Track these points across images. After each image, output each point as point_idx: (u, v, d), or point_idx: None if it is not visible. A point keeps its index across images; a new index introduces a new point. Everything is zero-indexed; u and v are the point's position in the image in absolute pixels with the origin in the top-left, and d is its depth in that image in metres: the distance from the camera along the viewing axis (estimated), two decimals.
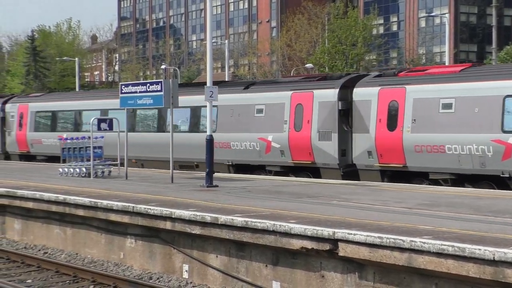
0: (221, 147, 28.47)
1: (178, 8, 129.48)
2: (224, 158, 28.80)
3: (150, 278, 15.81)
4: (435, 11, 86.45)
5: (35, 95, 42.51)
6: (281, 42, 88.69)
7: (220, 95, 27.36)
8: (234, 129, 28.79)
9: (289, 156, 26.82)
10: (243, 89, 29.40)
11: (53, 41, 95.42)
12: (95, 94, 40.78)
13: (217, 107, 28.19)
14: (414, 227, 12.55)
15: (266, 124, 27.69)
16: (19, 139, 40.59)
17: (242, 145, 28.43)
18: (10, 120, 40.66)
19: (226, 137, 28.95)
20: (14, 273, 16.36)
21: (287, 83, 28.43)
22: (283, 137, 26.96)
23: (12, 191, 20.52)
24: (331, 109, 25.60)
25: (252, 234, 13.81)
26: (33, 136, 39.80)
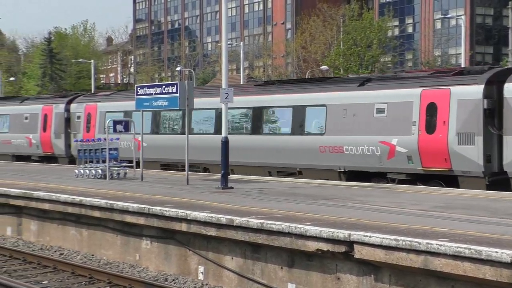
0: (331, 151, 25.90)
1: (193, 10, 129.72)
2: (335, 164, 25.88)
3: (166, 279, 15.83)
4: (451, 12, 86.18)
5: (104, 94, 39.92)
6: (296, 44, 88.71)
7: (329, 93, 26.07)
8: (348, 131, 25.63)
9: (418, 162, 23.64)
10: (358, 86, 26.08)
11: (69, 43, 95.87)
12: None
13: (325, 106, 26.26)
14: (430, 230, 12.51)
15: (388, 125, 24.56)
16: None
17: (358, 149, 25.21)
18: (76, 121, 37.55)
19: (338, 140, 25.86)
20: (30, 274, 16.42)
21: (414, 79, 25.22)
22: (411, 141, 23.83)
23: (29, 193, 20.60)
24: (474, 108, 22.59)
25: (267, 236, 13.80)
26: None
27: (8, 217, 22.18)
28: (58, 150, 38.82)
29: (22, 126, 41.27)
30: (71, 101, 39.05)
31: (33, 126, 40.25)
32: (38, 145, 39.76)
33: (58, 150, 38.81)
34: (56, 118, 38.84)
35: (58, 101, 40.14)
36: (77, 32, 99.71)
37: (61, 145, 38.44)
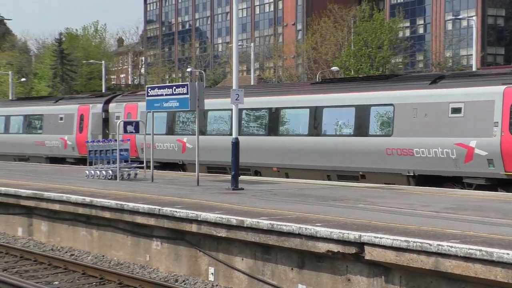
0: (399, 154, 24.33)
1: (204, 11, 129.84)
2: (404, 168, 24.34)
3: (176, 280, 15.83)
4: (462, 13, 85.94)
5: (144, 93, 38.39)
6: (306, 45, 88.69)
7: (397, 92, 24.84)
8: (419, 132, 23.99)
9: (500, 166, 22.00)
10: (430, 84, 24.46)
11: (80, 44, 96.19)
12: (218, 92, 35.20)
13: (393, 105, 24.85)
14: (441, 231, 12.46)
15: (466, 126, 22.89)
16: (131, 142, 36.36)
17: (430, 152, 23.52)
18: (115, 121, 35.08)
19: (407, 142, 24.24)
20: (41, 275, 16.45)
21: (495, 76, 23.80)
22: (493, 143, 22.16)
23: (39, 193, 20.64)
24: None
25: (277, 237, 13.79)
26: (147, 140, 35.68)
27: (19, 217, 22.24)
28: None
29: (56, 127, 39.80)
30: (109, 100, 37.57)
31: (68, 127, 38.86)
32: (74, 147, 38.28)
33: None
34: (94, 118, 37.42)
35: (95, 100, 38.71)
36: (88, 33, 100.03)
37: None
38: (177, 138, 31.20)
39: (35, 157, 41.27)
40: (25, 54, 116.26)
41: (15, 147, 42.70)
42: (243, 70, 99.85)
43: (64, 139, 38.82)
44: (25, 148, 42.05)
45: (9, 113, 44.32)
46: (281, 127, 28.66)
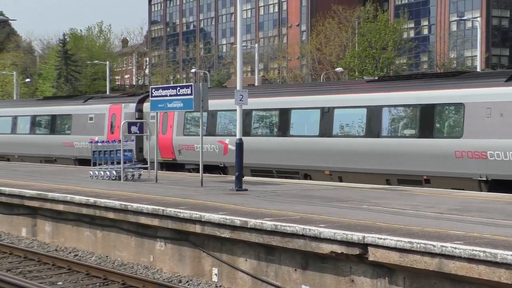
0: (470, 157, 22.57)
1: (208, 12, 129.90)
2: (474, 172, 22.58)
3: (180, 281, 15.83)
4: (467, 15, 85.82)
5: None
6: (311, 46, 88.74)
7: (467, 90, 23.31)
8: (494, 133, 22.21)
9: None
10: (506, 81, 22.62)
11: (84, 45, 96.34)
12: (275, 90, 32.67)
13: (463, 105, 23.12)
14: (445, 232, 12.45)
15: None
16: (163, 144, 33.13)
17: (506, 155, 21.76)
18: (151, 122, 33.04)
19: (480, 144, 22.54)
20: (45, 275, 16.46)
21: None
22: None
23: (44, 194, 20.66)
24: None
25: (281, 238, 13.78)
26: (182, 141, 32.78)
27: (23, 218, 22.26)
28: None
29: (86, 127, 37.88)
30: (143, 99, 35.48)
31: (99, 127, 36.92)
32: None
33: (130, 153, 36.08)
34: (126, 118, 34.45)
35: (127, 100, 36.87)
36: (92, 33, 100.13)
37: (132, 147, 34.86)
38: (218, 139, 29.96)
39: (62, 158, 39.54)
40: (30, 54, 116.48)
41: (42, 148, 40.96)
42: (247, 71, 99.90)
43: (95, 140, 37.06)
44: (53, 149, 40.26)
45: (35, 113, 42.64)
46: (334, 127, 26.89)
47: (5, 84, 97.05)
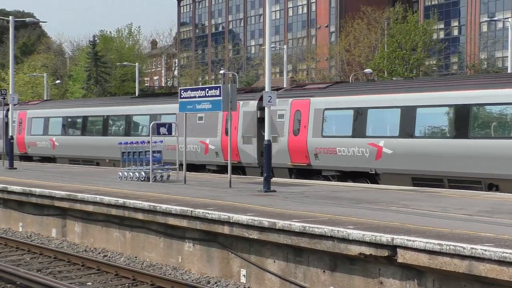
0: None
1: (237, 13, 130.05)
2: None
3: (208, 282, 15.86)
4: (498, 15, 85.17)
5: (318, 87, 30.42)
6: (339, 47, 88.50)
7: None
8: None
9: None
10: None
11: (114, 46, 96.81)
12: None
13: None
14: (475, 234, 12.36)
15: None
16: (294, 146, 28.87)
17: None
18: (278, 121, 29.46)
19: None
20: (74, 276, 16.56)
21: None
22: None
23: (73, 195, 20.79)
24: None
25: (309, 239, 13.76)
26: (320, 144, 28.15)
27: (53, 218, 22.41)
28: (246, 158, 30.75)
29: (195, 128, 32.62)
30: None
31: (211, 128, 32.39)
32: (218, 152, 31.98)
33: (247, 158, 30.73)
34: (246, 118, 30.94)
35: (246, 97, 31.88)
36: (121, 35, 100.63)
37: (252, 151, 30.54)
38: (369, 141, 26.31)
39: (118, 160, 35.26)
40: (60, 56, 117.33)
41: None
42: (275, 72, 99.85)
43: (205, 143, 32.74)
44: (106, 151, 37.46)
45: (130, 112, 38.33)
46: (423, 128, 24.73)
47: (35, 85, 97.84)
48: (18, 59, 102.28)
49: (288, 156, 28.87)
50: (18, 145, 44.73)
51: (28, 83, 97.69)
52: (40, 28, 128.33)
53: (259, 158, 29.88)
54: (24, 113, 45.86)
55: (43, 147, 43.98)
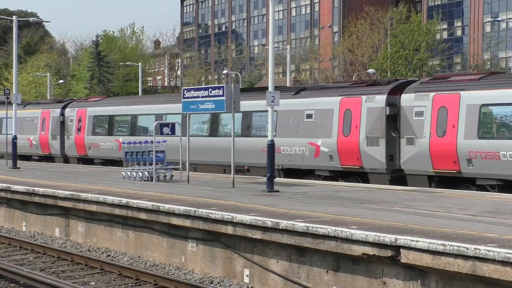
0: None
1: (240, 13, 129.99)
2: None
3: (211, 282, 15.87)
4: (501, 15, 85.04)
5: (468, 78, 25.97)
6: (343, 47, 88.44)
7: None
8: None
9: None
10: None
11: (117, 46, 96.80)
12: None
13: None
14: (479, 235, 12.35)
15: None
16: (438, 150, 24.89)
17: None
18: (413, 120, 25.66)
19: None
20: (78, 275, 16.58)
21: None
22: None
23: (77, 194, 20.81)
24: None
25: (313, 239, 13.76)
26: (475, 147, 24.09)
27: (56, 218, 22.44)
28: (370, 163, 26.65)
29: (300, 127, 28.96)
30: (396, 90, 26.68)
31: (322, 127, 28.24)
32: (333, 155, 27.52)
33: (371, 162, 26.62)
34: (369, 115, 26.85)
35: (366, 91, 27.61)
36: (124, 35, 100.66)
37: (378, 154, 26.52)
38: None
39: (258, 167, 29.31)
40: (63, 56, 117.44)
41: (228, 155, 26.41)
42: (279, 72, 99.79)
43: (315, 145, 28.42)
44: (245, 156, 30.29)
45: None
46: None
47: (38, 85, 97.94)
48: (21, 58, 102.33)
49: (429, 161, 25.01)
50: (77, 146, 41.42)
51: (31, 82, 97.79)
52: (44, 28, 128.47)
53: (389, 163, 26.33)
54: (84, 111, 41.55)
55: (107, 149, 39.38)
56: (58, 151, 42.60)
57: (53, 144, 42.94)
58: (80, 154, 41.51)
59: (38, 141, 44.03)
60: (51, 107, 44.07)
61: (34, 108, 46.02)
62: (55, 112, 43.06)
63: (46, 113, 43.76)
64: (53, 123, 42.89)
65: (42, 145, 43.80)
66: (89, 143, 40.55)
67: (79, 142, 41.23)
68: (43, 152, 44.03)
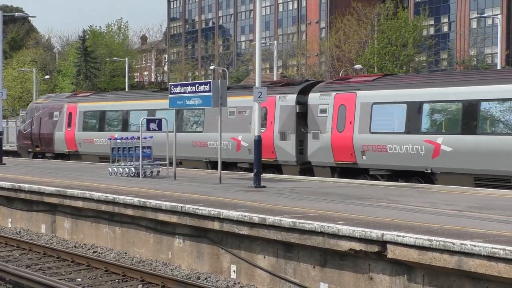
0: None
1: (227, 8, 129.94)
2: None
3: (198, 278, 15.85)
4: (487, 12, 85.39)
5: None
6: (330, 43, 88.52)
7: None
8: None
9: None
10: None
11: (103, 42, 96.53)
12: None
13: None
14: (464, 230, 12.39)
15: None
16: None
17: None
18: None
19: None
20: (64, 272, 16.52)
21: None
22: None
23: (63, 190, 20.74)
24: None
25: (300, 235, 13.77)
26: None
27: (42, 214, 22.36)
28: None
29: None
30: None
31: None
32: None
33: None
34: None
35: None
36: (111, 30, 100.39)
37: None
38: None
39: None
40: (49, 51, 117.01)
41: None
42: (266, 68, 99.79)
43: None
44: None
45: None
46: None
47: (24, 80, 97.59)
48: (6, 54, 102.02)
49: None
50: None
51: (17, 78, 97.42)
52: (29, 23, 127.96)
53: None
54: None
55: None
56: None
57: None
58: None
59: None
60: None
61: None
62: None
63: None
64: None
65: None
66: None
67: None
68: None
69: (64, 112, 41.66)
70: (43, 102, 44.93)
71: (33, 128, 43.82)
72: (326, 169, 27.41)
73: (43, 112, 43.47)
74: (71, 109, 41.30)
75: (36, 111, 44.23)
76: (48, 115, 42.86)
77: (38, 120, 43.46)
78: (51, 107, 43.10)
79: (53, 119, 42.35)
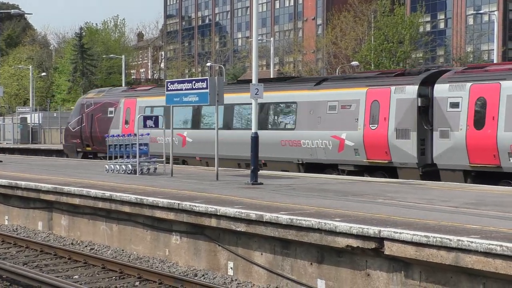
0: None
1: (223, 5, 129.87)
2: None
3: (195, 275, 15.85)
4: (483, 8, 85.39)
5: None
6: (326, 39, 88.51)
7: None
8: None
9: None
10: None
11: (100, 39, 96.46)
12: None
13: None
14: (461, 226, 12.40)
15: None
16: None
17: None
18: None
19: None
20: (61, 269, 16.52)
21: None
22: None
23: (60, 187, 20.72)
24: None
25: (297, 232, 13.77)
26: None
27: (39, 212, 22.35)
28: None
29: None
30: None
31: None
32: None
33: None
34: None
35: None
36: (107, 27, 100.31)
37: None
38: None
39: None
40: (46, 48, 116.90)
41: None
42: (262, 65, 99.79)
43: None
44: None
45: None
46: None
47: (21, 78, 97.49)
48: (3, 51, 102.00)
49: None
50: None
51: (13, 75, 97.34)
52: (25, 20, 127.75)
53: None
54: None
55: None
56: None
57: None
58: None
59: None
60: None
61: None
62: None
63: None
64: None
65: None
66: None
67: None
68: None
69: (120, 107, 38.08)
70: (94, 97, 41.30)
71: (83, 126, 40.32)
72: (458, 173, 23.64)
73: (95, 108, 39.93)
74: (129, 104, 37.70)
75: (87, 107, 40.61)
76: (101, 111, 39.32)
77: (90, 117, 39.98)
78: (104, 102, 39.56)
79: (107, 116, 38.82)
